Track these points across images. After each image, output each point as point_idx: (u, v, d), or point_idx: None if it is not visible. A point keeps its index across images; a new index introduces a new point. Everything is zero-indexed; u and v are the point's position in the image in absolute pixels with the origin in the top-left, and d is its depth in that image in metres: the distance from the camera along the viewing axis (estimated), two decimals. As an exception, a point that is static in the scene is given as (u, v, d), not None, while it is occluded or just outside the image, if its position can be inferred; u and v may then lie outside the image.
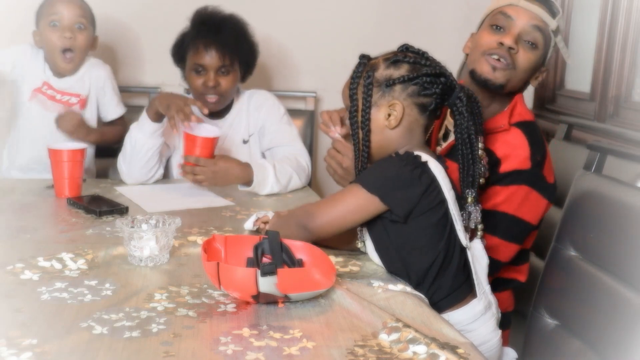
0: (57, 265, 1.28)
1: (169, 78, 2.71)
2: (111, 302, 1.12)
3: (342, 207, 1.29)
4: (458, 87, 1.33)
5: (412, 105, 1.31)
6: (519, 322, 1.71)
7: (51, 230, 1.55)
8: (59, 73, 2.19)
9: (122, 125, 2.31)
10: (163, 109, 1.93)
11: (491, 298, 1.38)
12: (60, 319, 1.05)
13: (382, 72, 1.32)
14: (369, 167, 1.32)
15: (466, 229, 1.35)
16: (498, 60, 1.54)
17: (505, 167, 1.51)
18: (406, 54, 1.33)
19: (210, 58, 2.08)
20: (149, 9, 2.68)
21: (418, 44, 1.65)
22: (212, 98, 2.11)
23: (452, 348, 0.99)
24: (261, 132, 2.21)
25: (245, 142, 2.22)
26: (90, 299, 1.13)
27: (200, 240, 1.46)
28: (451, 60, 1.68)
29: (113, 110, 2.31)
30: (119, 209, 1.69)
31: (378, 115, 1.32)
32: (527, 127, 1.55)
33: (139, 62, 2.73)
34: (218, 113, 2.19)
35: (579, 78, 2.59)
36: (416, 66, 1.31)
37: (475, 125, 1.34)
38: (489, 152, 1.48)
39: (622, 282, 1.33)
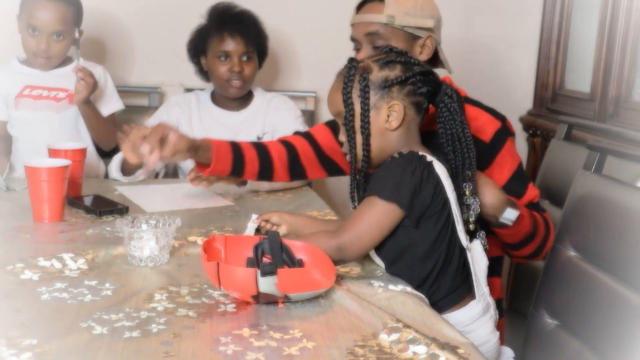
0: (57, 265, 1.28)
1: (169, 78, 2.72)
2: (111, 302, 1.12)
3: (366, 221, 1.25)
4: (444, 85, 1.34)
5: (410, 105, 1.31)
6: (519, 322, 1.71)
7: (51, 230, 1.55)
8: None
9: (112, 123, 2.30)
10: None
11: (490, 300, 1.38)
12: (60, 319, 1.05)
13: (377, 74, 1.30)
14: (377, 174, 1.29)
15: (467, 223, 1.35)
16: None
17: (485, 137, 1.53)
18: (394, 54, 1.33)
19: (236, 44, 2.20)
20: (149, 9, 2.68)
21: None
22: (236, 83, 2.22)
23: (452, 348, 0.99)
24: (274, 131, 2.28)
25: (259, 138, 2.27)
26: (90, 299, 1.13)
27: (200, 240, 1.46)
28: (450, 61, 1.69)
29: (107, 106, 2.30)
30: (119, 209, 1.69)
31: (378, 118, 1.30)
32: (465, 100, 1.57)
33: (139, 62, 2.73)
34: (235, 105, 2.31)
35: (579, 78, 2.59)
36: (408, 65, 1.31)
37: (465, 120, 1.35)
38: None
39: (622, 282, 1.33)
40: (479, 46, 2.83)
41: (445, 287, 1.31)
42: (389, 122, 1.30)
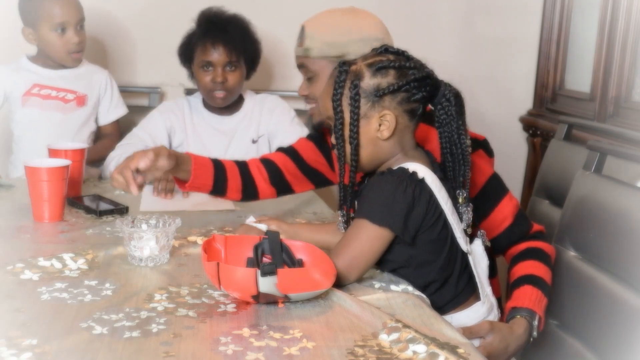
0: (57, 265, 1.28)
1: (169, 78, 2.72)
2: (111, 302, 1.12)
3: (358, 247, 1.23)
4: (443, 86, 1.28)
5: (402, 114, 1.26)
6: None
7: (51, 230, 1.55)
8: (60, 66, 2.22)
9: (116, 129, 2.35)
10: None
11: (493, 300, 1.38)
12: (60, 319, 1.05)
13: (369, 82, 1.24)
14: (367, 194, 1.26)
15: (464, 231, 1.34)
16: None
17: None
18: (388, 58, 1.26)
19: (218, 55, 2.15)
20: (150, 9, 2.67)
21: (417, 45, 1.64)
22: (220, 94, 2.19)
23: (452, 348, 0.99)
24: (272, 134, 2.27)
25: (254, 142, 2.27)
26: (90, 299, 1.13)
27: (200, 240, 1.46)
28: (451, 62, 1.69)
29: (112, 112, 2.34)
30: (119, 209, 1.69)
31: (368, 127, 1.26)
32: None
33: (139, 62, 2.73)
34: (226, 109, 2.28)
35: (579, 78, 2.59)
36: (403, 71, 1.25)
37: (463, 124, 1.29)
38: None
39: (621, 283, 1.33)
40: (479, 46, 2.83)
41: (449, 293, 1.31)
42: (381, 131, 1.26)
